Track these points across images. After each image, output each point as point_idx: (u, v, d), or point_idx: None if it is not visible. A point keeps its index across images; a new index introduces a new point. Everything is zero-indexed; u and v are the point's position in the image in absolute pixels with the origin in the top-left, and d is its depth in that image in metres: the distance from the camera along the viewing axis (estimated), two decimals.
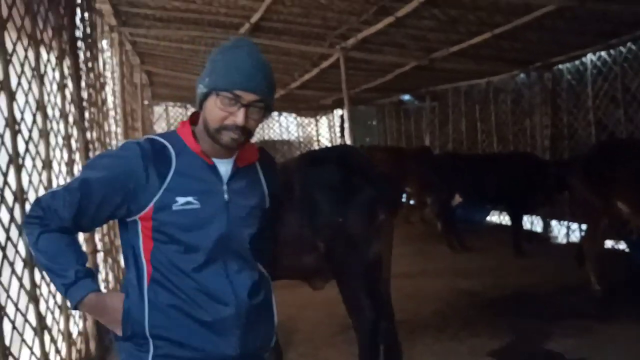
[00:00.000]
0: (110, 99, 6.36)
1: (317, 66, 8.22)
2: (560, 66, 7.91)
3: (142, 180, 1.60)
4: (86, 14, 4.84)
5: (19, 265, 2.80)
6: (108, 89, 6.22)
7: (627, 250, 6.72)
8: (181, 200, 1.61)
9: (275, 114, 15.29)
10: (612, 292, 5.06)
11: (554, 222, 8.29)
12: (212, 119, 1.61)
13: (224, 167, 1.69)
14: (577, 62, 7.60)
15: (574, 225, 7.80)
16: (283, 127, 15.73)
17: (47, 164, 3.41)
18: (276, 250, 2.31)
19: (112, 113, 6.33)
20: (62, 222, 1.61)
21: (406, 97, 12.51)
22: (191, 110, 14.42)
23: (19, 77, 3.01)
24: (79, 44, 4.46)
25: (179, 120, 14.32)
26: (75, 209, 1.60)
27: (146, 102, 10.18)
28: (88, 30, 4.95)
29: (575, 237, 7.75)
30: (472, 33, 6.16)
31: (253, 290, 1.72)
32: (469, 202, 7.51)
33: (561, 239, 8.02)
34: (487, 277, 6.01)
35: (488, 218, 9.64)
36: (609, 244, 6.65)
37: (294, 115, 15.69)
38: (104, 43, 6.21)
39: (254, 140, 1.77)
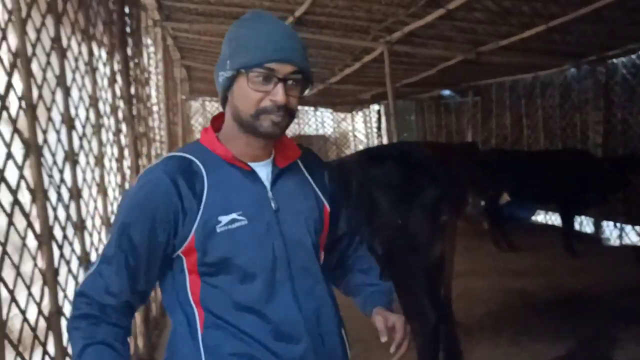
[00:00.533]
0: (153, 94, 6.35)
1: (359, 60, 8.05)
2: (614, 60, 7.60)
3: (178, 207, 1.34)
4: (133, 9, 4.82)
5: (74, 264, 2.76)
6: (152, 83, 6.21)
7: None
8: (224, 219, 1.35)
9: (311, 108, 15.25)
10: None
11: (604, 223, 7.99)
12: (246, 105, 1.36)
13: (264, 170, 1.44)
14: (633, 56, 7.29)
15: (628, 227, 7.50)
16: (319, 122, 15.68)
17: (100, 160, 3.38)
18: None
19: (155, 108, 6.33)
20: (118, 300, 1.36)
21: (446, 92, 12.26)
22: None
23: (73, 73, 2.97)
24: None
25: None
26: (126, 274, 1.35)
27: (183, 97, 10.19)
28: (134, 25, 4.92)
29: (629, 239, 7.45)
30: (524, 25, 5.90)
31: (326, 315, 1.46)
32: (518, 200, 7.26)
33: (614, 241, 7.72)
34: (539, 277, 5.81)
35: (533, 217, 9.36)
36: None
37: (329, 110, 15.60)
38: (147, 38, 6.20)
39: (288, 134, 1.51)
